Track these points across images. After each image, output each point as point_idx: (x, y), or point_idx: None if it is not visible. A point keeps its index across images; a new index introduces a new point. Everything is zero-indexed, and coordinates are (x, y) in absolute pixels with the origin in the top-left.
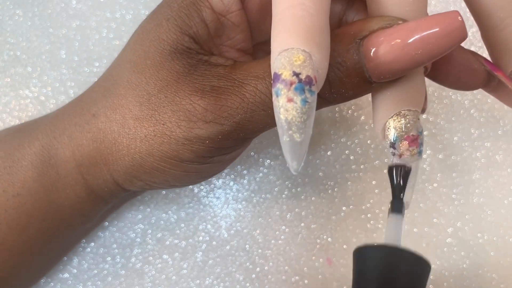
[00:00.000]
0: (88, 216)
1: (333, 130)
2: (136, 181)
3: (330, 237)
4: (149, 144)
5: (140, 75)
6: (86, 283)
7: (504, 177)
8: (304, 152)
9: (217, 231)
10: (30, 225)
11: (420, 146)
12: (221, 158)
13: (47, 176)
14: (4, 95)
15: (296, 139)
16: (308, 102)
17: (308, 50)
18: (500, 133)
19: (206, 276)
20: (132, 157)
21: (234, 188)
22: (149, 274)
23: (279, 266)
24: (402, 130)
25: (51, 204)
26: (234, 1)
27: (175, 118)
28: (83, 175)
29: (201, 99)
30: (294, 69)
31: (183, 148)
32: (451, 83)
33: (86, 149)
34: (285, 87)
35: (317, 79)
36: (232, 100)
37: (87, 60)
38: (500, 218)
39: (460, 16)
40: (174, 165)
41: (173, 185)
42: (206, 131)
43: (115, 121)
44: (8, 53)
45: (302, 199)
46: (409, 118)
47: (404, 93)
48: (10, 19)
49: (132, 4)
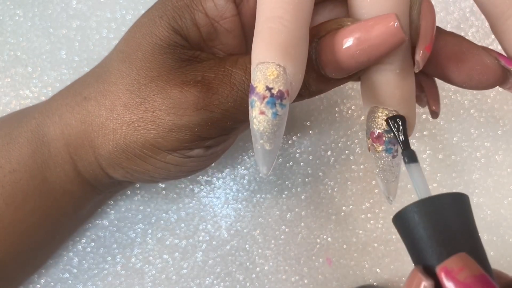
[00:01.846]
0: (78, 199)
1: (333, 130)
2: (118, 168)
3: (330, 237)
4: (135, 130)
5: (131, 65)
6: (86, 283)
7: (504, 177)
8: (273, 159)
9: (217, 231)
10: (25, 202)
11: (387, 144)
12: (201, 152)
13: (40, 153)
14: (5, 95)
15: (266, 147)
16: (278, 115)
17: (282, 64)
18: (500, 133)
19: (206, 276)
20: (117, 142)
21: (234, 188)
22: (149, 274)
23: (279, 266)
24: (367, 126)
25: (44, 182)
26: (228, 7)
27: (165, 106)
28: (71, 155)
29: (193, 87)
30: (267, 83)
31: (170, 136)
32: (464, 82)
33: (74, 130)
34: (258, 100)
35: (289, 92)
36: (222, 89)
37: (87, 60)
38: (500, 218)
39: (395, 21)
40: (155, 153)
41: (153, 177)
42: (196, 118)
43: (104, 106)
44: (9, 53)
45: (302, 199)
46: (375, 115)
47: (373, 91)
48: (10, 19)
49: (132, 4)
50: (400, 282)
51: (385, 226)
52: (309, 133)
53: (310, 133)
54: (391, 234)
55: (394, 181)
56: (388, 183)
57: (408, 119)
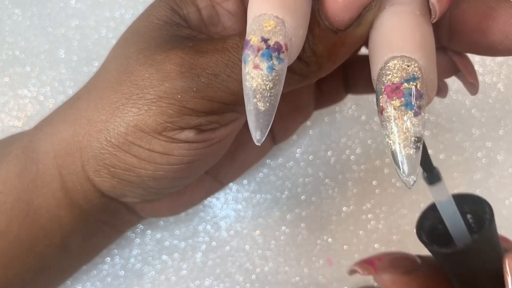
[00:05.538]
0: (66, 226)
1: (333, 130)
2: (103, 170)
3: (330, 237)
4: (117, 110)
5: (124, 46)
6: (85, 283)
7: (506, 178)
8: (268, 123)
9: (216, 232)
10: (8, 229)
11: (407, 96)
12: (191, 135)
13: (28, 171)
14: (3, 94)
15: (260, 107)
16: (275, 70)
17: (281, 16)
18: (501, 133)
19: (206, 277)
20: (100, 134)
21: (234, 188)
22: (149, 275)
23: (279, 267)
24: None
25: (30, 205)
26: None
27: (148, 73)
28: (59, 168)
29: (180, 50)
30: (263, 34)
31: (151, 109)
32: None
33: (64, 134)
34: (252, 53)
35: (288, 47)
36: (212, 53)
37: (86, 60)
38: (502, 218)
39: None
40: (139, 137)
41: (139, 176)
42: (179, 81)
43: (94, 98)
44: (7, 53)
45: (302, 199)
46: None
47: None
48: (8, 18)
49: (131, 3)
50: None
51: (386, 227)
52: (310, 133)
53: (311, 133)
54: (392, 235)
55: (417, 151)
56: (409, 155)
57: (428, 73)
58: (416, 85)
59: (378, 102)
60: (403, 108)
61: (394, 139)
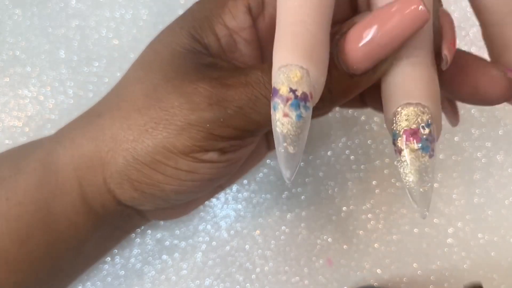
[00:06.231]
0: (82, 230)
1: (333, 130)
2: (126, 184)
3: (330, 237)
4: (146, 133)
5: (148, 70)
6: (85, 283)
7: (505, 177)
8: (297, 163)
9: (217, 232)
10: (29, 237)
11: (424, 141)
12: (215, 156)
13: (47, 182)
14: (3, 94)
15: (290, 151)
16: (302, 117)
17: (305, 67)
18: (501, 133)
19: (206, 276)
20: (127, 152)
21: (234, 188)
22: (149, 274)
23: (279, 267)
24: (397, 126)
25: (49, 215)
26: (245, 19)
27: (178, 102)
28: (79, 179)
29: (207, 83)
30: (291, 85)
31: (181, 134)
32: (470, 95)
33: (85, 149)
34: (282, 103)
35: (313, 95)
36: (237, 86)
37: (86, 60)
38: (501, 218)
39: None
40: (166, 157)
41: (163, 190)
42: (208, 113)
43: (119, 117)
44: (7, 53)
45: (302, 199)
46: (407, 111)
47: (405, 86)
48: (9, 18)
49: (131, 3)
50: (401, 282)
51: (386, 226)
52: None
53: (311, 133)
54: (391, 235)
55: (429, 188)
56: (423, 192)
57: (437, 120)
58: (431, 131)
59: (395, 143)
60: (419, 152)
61: (410, 178)
